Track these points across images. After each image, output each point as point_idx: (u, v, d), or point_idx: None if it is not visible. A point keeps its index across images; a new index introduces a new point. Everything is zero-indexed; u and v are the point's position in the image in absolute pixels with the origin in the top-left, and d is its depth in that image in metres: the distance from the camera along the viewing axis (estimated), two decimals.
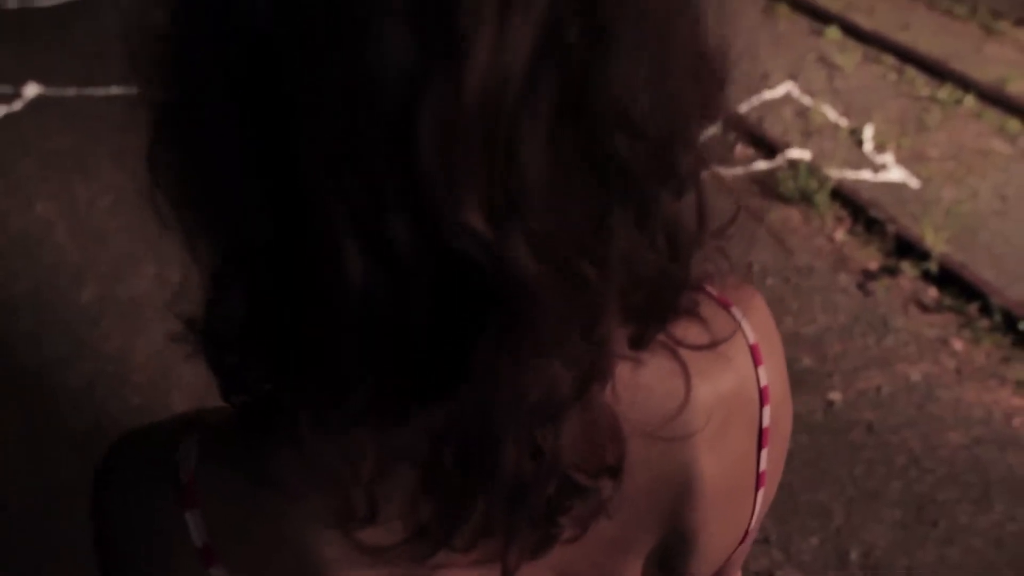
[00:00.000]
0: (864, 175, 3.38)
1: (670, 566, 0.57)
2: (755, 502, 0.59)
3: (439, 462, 0.44)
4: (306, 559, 0.48)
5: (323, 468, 0.45)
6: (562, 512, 0.47)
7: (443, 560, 0.48)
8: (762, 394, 0.57)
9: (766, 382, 0.57)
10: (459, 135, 0.35)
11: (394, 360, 0.40)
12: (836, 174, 3.33)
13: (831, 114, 3.78)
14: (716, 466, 0.54)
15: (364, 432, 0.44)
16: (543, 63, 0.35)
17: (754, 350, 0.57)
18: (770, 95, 3.93)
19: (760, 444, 0.57)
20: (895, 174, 3.38)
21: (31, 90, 4.40)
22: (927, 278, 2.86)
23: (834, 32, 4.43)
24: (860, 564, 2.11)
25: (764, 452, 0.58)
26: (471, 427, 0.42)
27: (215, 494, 0.50)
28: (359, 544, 0.47)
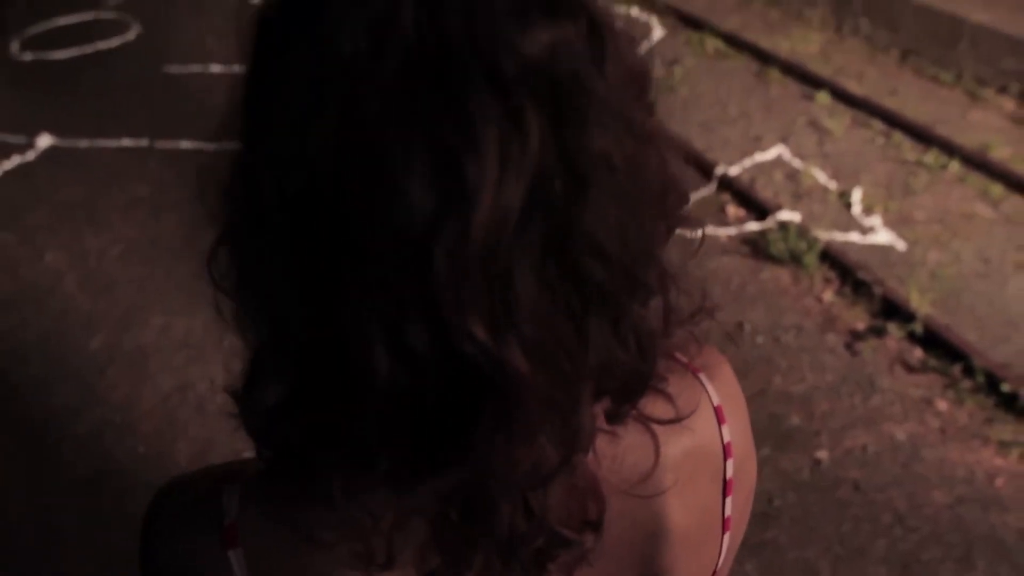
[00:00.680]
0: (852, 237, 3.48)
1: None
2: (721, 545, 0.68)
3: (447, 518, 0.54)
4: None
5: (349, 521, 0.53)
6: (550, 560, 0.56)
7: None
8: (725, 449, 0.66)
9: (729, 439, 0.66)
10: (466, 265, 0.44)
11: (411, 436, 0.50)
12: (825, 236, 3.43)
13: (821, 177, 3.90)
14: (684, 514, 0.63)
15: (385, 492, 0.52)
16: (533, 208, 0.45)
17: (718, 411, 0.66)
18: (762, 157, 4.06)
19: (725, 493, 0.67)
20: (882, 236, 3.49)
21: (44, 141, 4.52)
22: (912, 339, 2.95)
23: (824, 97, 4.58)
24: None
25: (729, 500, 0.67)
26: (473, 490, 0.52)
27: (254, 537, 0.58)
28: None
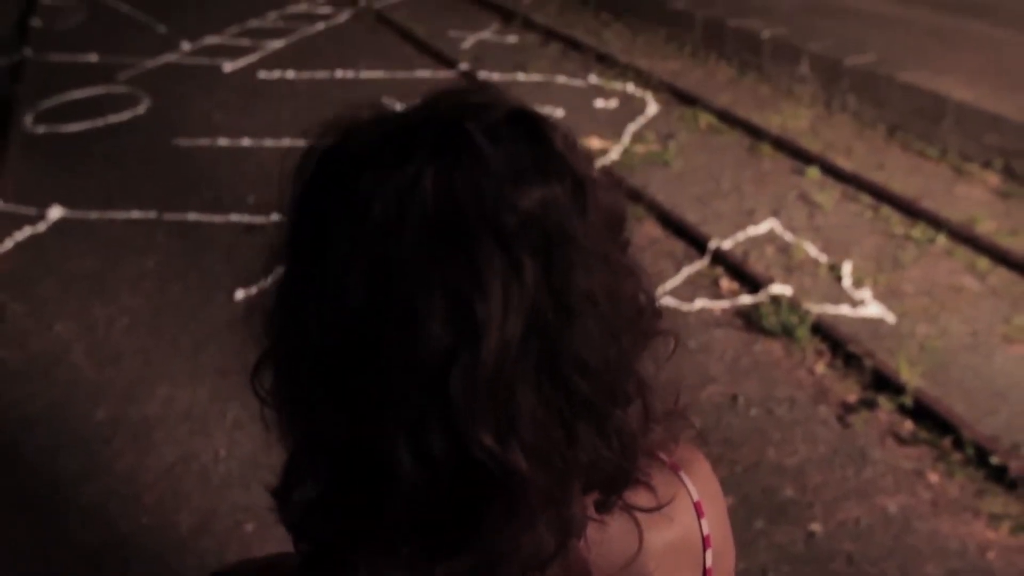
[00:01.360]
0: (843, 310, 3.57)
1: None
2: None
3: None
4: None
5: None
6: None
7: None
8: (705, 541, 0.74)
9: (708, 531, 0.74)
10: (476, 386, 0.53)
11: (429, 525, 0.57)
12: (816, 309, 3.52)
13: (812, 250, 4.00)
14: None
15: (405, 573, 0.60)
16: (529, 336, 0.54)
17: (697, 506, 0.74)
18: (754, 231, 4.17)
19: None
20: (872, 309, 3.58)
21: (55, 212, 4.63)
22: (903, 411, 3.01)
23: (814, 172, 4.72)
24: None
25: None
26: (482, 572, 0.59)
27: None
28: None
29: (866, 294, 3.67)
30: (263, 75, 6.80)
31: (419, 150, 0.55)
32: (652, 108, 5.77)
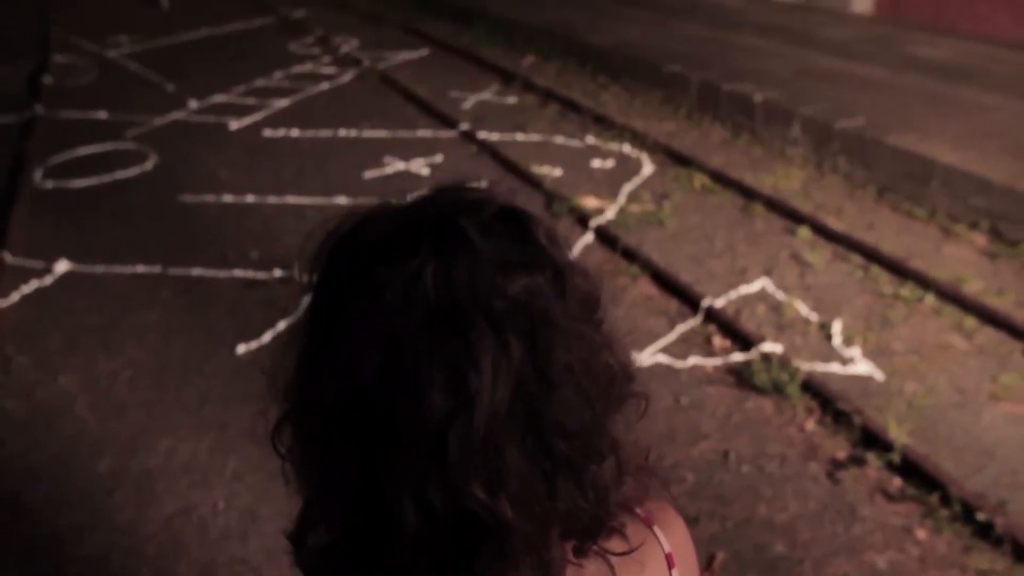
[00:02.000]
0: (833, 368, 3.64)
1: None
2: None
3: None
4: None
5: None
6: None
7: None
8: None
9: None
10: (471, 446, 0.62)
11: (430, 567, 0.65)
12: (807, 366, 3.59)
13: (803, 309, 4.09)
14: None
15: None
16: (515, 404, 0.63)
17: (669, 557, 0.82)
18: (747, 290, 4.26)
19: None
20: (862, 367, 3.65)
21: (62, 266, 4.73)
22: (892, 468, 3.06)
23: (806, 232, 4.83)
24: None
25: None
26: None
27: None
28: None
29: (856, 352, 3.75)
30: (268, 133, 6.97)
31: (422, 245, 0.64)
32: (648, 168, 5.92)
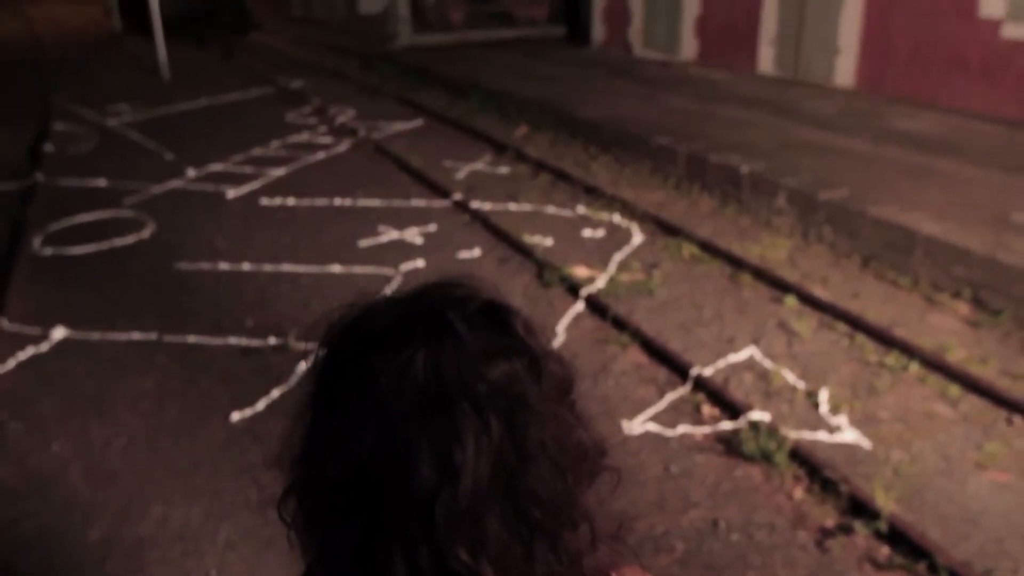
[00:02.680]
0: (820, 436, 3.69)
1: None
2: None
3: None
4: None
5: None
6: None
7: None
8: None
9: None
10: (456, 514, 0.69)
11: None
12: (794, 435, 3.64)
13: (790, 377, 4.15)
14: None
15: None
16: (495, 477, 0.70)
17: None
18: (735, 358, 4.33)
19: None
20: (848, 435, 3.70)
21: (58, 333, 4.77)
22: (879, 536, 3.09)
23: (792, 300, 4.92)
24: None
25: None
26: None
27: None
28: None
29: (842, 420, 3.80)
30: (264, 201, 7.09)
31: (414, 337, 0.72)
32: (637, 238, 6.04)
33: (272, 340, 4.59)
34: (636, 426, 3.78)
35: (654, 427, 3.77)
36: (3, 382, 4.30)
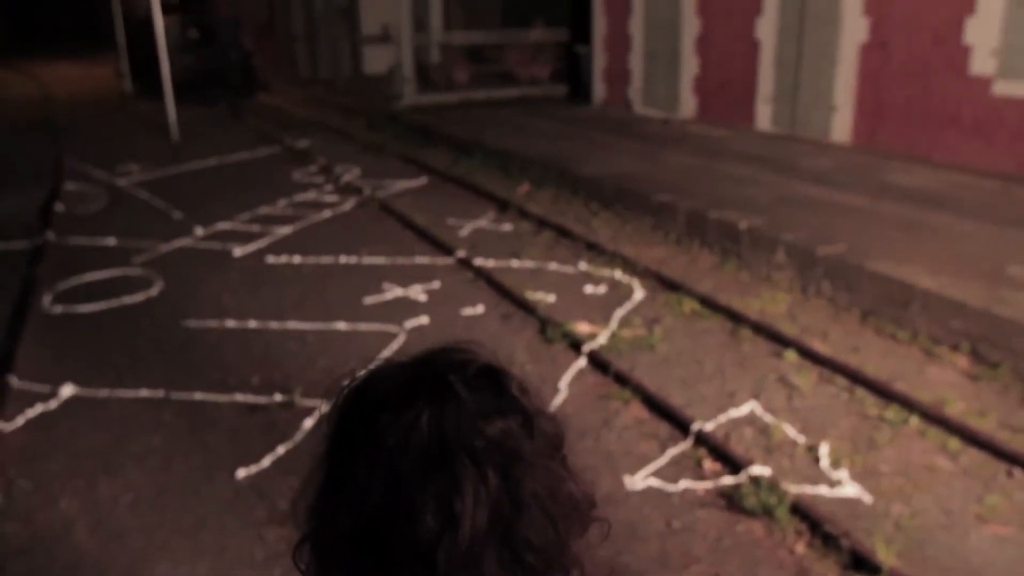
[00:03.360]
0: (821, 490, 3.72)
1: None
2: None
3: None
4: None
5: None
6: None
7: None
8: None
9: None
10: (455, 559, 0.76)
11: None
12: (795, 489, 3.66)
13: (790, 431, 4.19)
14: None
15: None
16: (492, 524, 0.77)
17: None
18: (736, 413, 4.37)
19: None
20: (849, 489, 3.72)
21: (67, 390, 4.83)
22: None
23: (792, 355, 4.98)
24: None
25: None
26: None
27: None
28: None
29: (843, 474, 3.83)
30: (271, 259, 7.21)
31: (418, 398, 0.79)
32: (639, 294, 6.12)
33: (278, 397, 4.65)
34: (638, 481, 3.81)
35: (656, 482, 3.80)
36: (12, 439, 4.35)
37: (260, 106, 17.61)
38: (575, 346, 5.20)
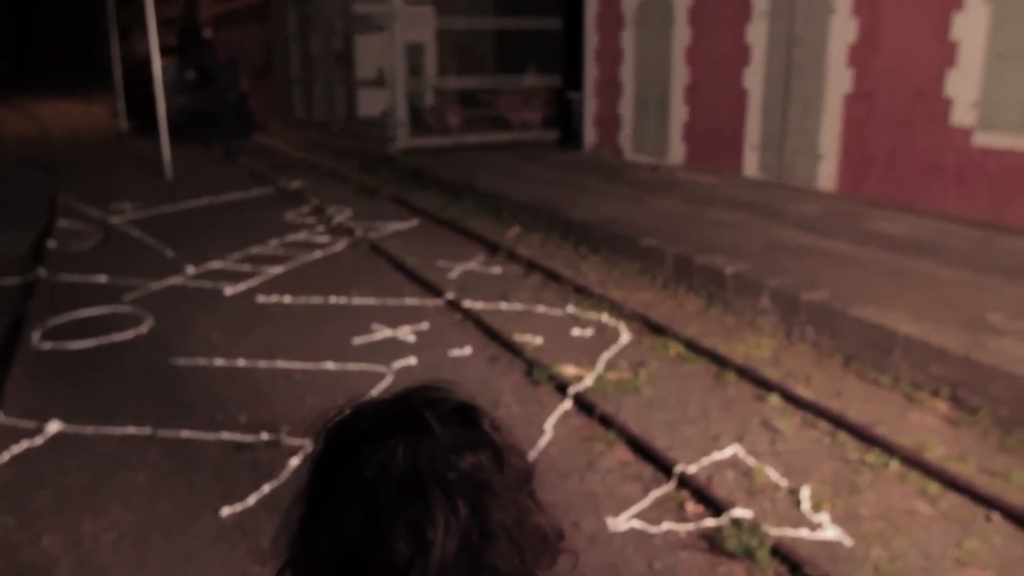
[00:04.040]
0: (802, 533, 3.75)
1: None
2: None
3: None
4: None
5: None
6: None
7: None
8: None
9: None
10: None
11: None
12: (776, 532, 3.69)
13: (773, 474, 4.23)
14: None
15: None
16: (461, 551, 0.82)
17: None
18: (719, 456, 4.41)
19: None
20: (830, 532, 3.75)
21: (53, 427, 4.84)
22: None
23: (776, 399, 5.03)
24: None
25: None
26: None
27: None
28: None
29: (824, 518, 3.86)
30: (261, 299, 7.25)
31: (396, 433, 0.85)
32: (625, 337, 6.18)
33: (265, 436, 4.66)
34: (621, 523, 3.84)
35: (639, 524, 3.82)
36: None
37: (255, 147, 17.77)
38: (561, 388, 5.24)
